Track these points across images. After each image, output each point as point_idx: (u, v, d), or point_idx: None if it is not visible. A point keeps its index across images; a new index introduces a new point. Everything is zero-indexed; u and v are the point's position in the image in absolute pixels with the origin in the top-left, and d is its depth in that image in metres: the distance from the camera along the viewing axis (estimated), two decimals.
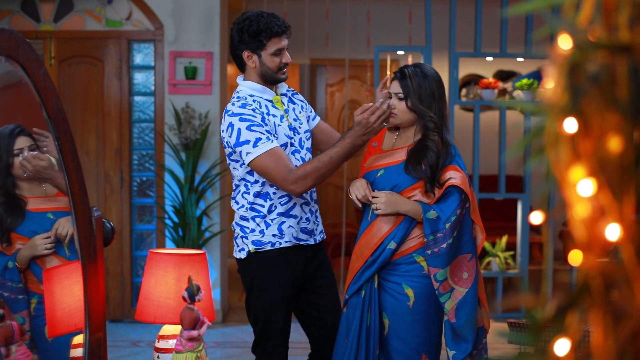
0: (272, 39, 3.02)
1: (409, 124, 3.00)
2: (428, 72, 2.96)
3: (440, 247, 2.86)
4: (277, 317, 3.08)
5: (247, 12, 3.07)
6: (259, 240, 3.05)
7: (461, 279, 2.89)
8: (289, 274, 3.07)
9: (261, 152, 2.92)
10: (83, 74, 6.05)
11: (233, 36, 3.06)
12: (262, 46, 3.01)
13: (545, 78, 1.04)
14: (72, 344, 2.36)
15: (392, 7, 7.37)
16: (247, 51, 3.03)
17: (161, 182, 6.02)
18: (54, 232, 2.41)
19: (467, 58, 6.50)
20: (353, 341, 2.94)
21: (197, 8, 6.03)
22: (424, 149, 2.92)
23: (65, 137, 2.06)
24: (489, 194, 6.22)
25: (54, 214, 2.46)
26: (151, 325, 5.11)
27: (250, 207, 3.06)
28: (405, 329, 2.92)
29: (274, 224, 3.04)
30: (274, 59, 3.04)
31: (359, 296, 2.98)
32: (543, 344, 1.03)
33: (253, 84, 3.07)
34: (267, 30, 2.99)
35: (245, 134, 2.93)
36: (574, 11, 1.02)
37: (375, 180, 3.00)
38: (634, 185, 0.97)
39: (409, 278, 2.93)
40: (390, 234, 2.94)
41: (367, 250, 2.98)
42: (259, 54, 3.03)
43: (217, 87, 6.03)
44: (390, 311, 2.95)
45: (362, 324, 2.94)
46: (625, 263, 0.98)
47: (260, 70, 3.05)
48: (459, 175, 2.90)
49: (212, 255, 5.99)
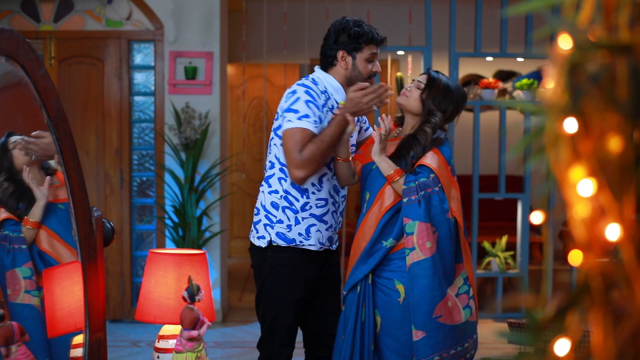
0: (370, 45, 3.07)
1: (413, 113, 3.05)
2: (455, 91, 3.05)
3: (410, 199, 2.89)
4: (285, 317, 3.08)
5: (346, 17, 3.15)
6: (284, 234, 3.05)
7: (424, 245, 2.87)
8: (302, 277, 3.08)
9: (300, 126, 2.93)
10: (83, 74, 6.05)
11: (329, 36, 3.11)
12: (359, 49, 3.06)
13: (545, 78, 1.04)
14: (72, 344, 2.36)
15: (392, 7, 7.37)
16: (343, 52, 3.07)
17: (161, 182, 6.02)
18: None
19: (467, 58, 6.50)
20: (349, 337, 2.96)
21: (197, 8, 6.03)
22: (413, 140, 2.98)
23: (65, 137, 2.06)
24: (489, 194, 6.21)
25: (64, 205, 2.47)
26: (151, 325, 5.11)
27: (284, 195, 3.05)
28: (395, 325, 2.93)
29: (304, 223, 3.04)
30: (367, 65, 3.08)
31: (355, 292, 3.00)
32: (543, 344, 1.03)
33: (334, 80, 3.10)
34: (367, 35, 3.06)
35: (301, 104, 2.96)
36: (574, 11, 1.02)
37: (371, 173, 3.03)
38: (634, 185, 0.97)
39: (401, 274, 2.94)
40: (383, 216, 2.95)
41: (363, 242, 3.00)
42: (354, 56, 3.07)
43: (217, 87, 6.03)
44: (382, 308, 2.97)
45: (357, 320, 2.96)
46: (625, 263, 0.98)
47: (350, 73, 3.08)
48: (433, 156, 2.95)
49: (212, 255, 5.99)
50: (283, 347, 3.10)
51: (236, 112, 8.67)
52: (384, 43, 3.11)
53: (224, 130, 6.27)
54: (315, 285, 3.15)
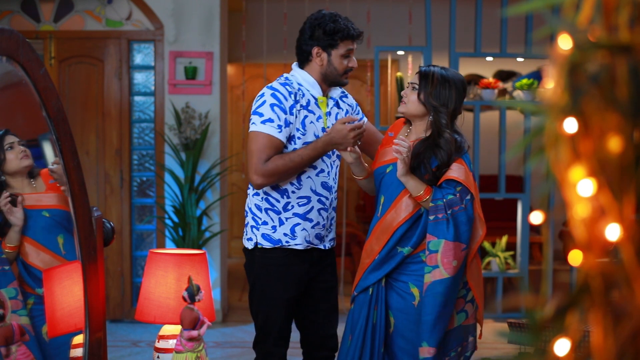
0: (345, 41, 3.04)
1: (416, 116, 2.97)
2: (454, 80, 2.94)
3: (437, 217, 2.83)
4: (276, 317, 3.08)
5: (323, 11, 3.10)
6: (269, 235, 3.05)
7: (449, 264, 2.83)
8: (292, 276, 3.07)
9: (263, 130, 2.95)
10: (83, 74, 6.05)
11: (304, 31, 3.07)
12: (335, 45, 3.03)
13: (545, 78, 1.04)
14: (72, 344, 2.36)
15: (392, 7, 7.37)
16: (318, 48, 3.04)
17: (161, 182, 6.02)
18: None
19: (467, 58, 6.50)
20: (358, 338, 2.93)
21: (197, 8, 6.03)
22: (435, 146, 2.89)
23: (65, 137, 2.06)
24: (489, 194, 6.21)
25: (49, 212, 2.46)
26: (151, 325, 5.11)
27: (265, 197, 3.05)
28: (410, 327, 2.91)
29: (288, 223, 3.04)
30: (343, 60, 3.05)
31: (366, 294, 2.97)
32: (543, 344, 1.03)
33: (308, 76, 3.08)
34: (343, 31, 3.02)
35: (266, 108, 2.96)
36: (574, 11, 1.02)
37: (385, 177, 2.99)
38: (634, 185, 0.97)
39: (416, 277, 2.92)
40: (400, 226, 2.92)
41: (377, 246, 2.97)
42: (329, 53, 3.04)
43: (217, 87, 6.03)
44: (396, 309, 2.94)
45: (368, 321, 2.94)
46: (625, 263, 0.98)
47: (325, 69, 3.06)
48: (459, 167, 2.88)
49: (212, 255, 5.99)
50: (277, 347, 3.11)
51: (236, 112, 8.67)
52: (360, 38, 3.08)
53: (224, 130, 6.27)
54: (309, 286, 3.14)
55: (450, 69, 3.03)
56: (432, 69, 2.96)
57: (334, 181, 3.13)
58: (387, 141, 3.06)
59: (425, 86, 2.93)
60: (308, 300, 3.16)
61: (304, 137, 3.01)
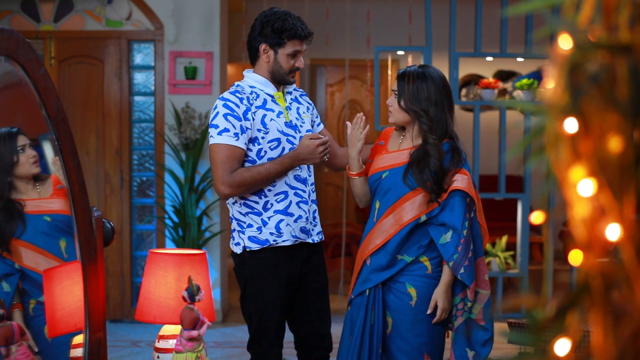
0: (293, 41, 3.04)
1: (404, 123, 2.98)
2: (430, 74, 2.92)
3: (464, 266, 2.87)
4: (271, 317, 3.08)
5: (275, 8, 3.10)
6: (256, 237, 3.05)
7: (484, 282, 2.93)
8: (283, 274, 3.07)
9: (221, 142, 2.96)
10: (83, 74, 6.05)
11: (255, 27, 3.08)
12: (282, 44, 3.04)
13: (545, 78, 1.04)
14: (72, 344, 2.36)
15: (392, 7, 7.37)
16: (265, 45, 3.05)
17: (161, 182, 6.02)
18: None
19: (467, 58, 6.50)
20: (356, 339, 2.95)
21: (197, 8, 6.03)
22: (425, 156, 2.89)
23: (65, 137, 2.06)
24: (489, 194, 6.21)
25: (50, 217, 2.46)
26: (151, 325, 5.11)
27: (243, 202, 3.06)
28: (407, 327, 2.93)
29: (272, 221, 3.04)
30: (289, 60, 3.06)
31: (363, 295, 2.99)
32: (543, 344, 1.03)
33: (258, 76, 3.09)
34: (291, 31, 3.02)
35: (220, 119, 2.98)
36: (574, 11, 1.02)
37: (381, 183, 2.99)
38: (634, 185, 0.97)
39: (412, 277, 2.93)
40: (394, 236, 2.93)
41: (369, 248, 2.99)
42: (275, 51, 3.05)
43: (217, 87, 6.03)
44: (394, 310, 2.96)
45: (366, 322, 2.95)
46: (625, 263, 0.98)
47: (272, 67, 3.07)
48: (463, 178, 2.89)
49: (212, 255, 5.99)
50: (272, 348, 3.11)
51: None
52: (309, 38, 3.07)
53: None
54: (301, 286, 3.14)
55: (430, 65, 3.02)
56: (408, 69, 2.96)
57: (308, 174, 3.14)
58: (379, 149, 3.08)
59: (403, 90, 2.92)
60: (300, 300, 3.16)
61: (267, 135, 3.02)
